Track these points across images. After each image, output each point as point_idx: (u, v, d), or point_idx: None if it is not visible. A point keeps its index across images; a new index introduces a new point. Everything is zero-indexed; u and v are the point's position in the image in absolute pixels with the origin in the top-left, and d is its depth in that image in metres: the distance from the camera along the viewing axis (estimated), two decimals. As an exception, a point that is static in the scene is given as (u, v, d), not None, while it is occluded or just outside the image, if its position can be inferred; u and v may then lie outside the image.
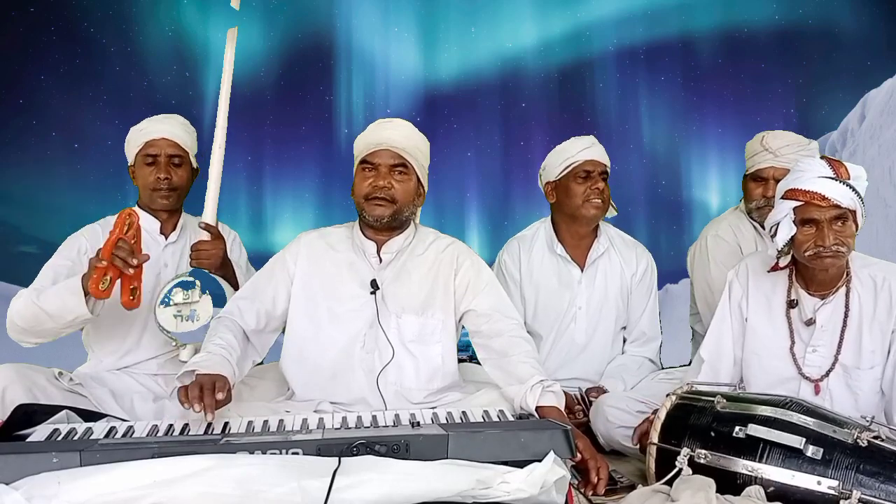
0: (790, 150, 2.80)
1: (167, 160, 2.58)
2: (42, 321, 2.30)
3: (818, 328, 2.28)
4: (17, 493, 1.47)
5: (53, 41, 5.35)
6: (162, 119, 2.64)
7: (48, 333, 2.37)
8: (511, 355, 2.21)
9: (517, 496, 1.55)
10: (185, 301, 2.40)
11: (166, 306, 2.40)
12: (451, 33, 6.03)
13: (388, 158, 2.30)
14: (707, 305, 2.95)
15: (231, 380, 2.03)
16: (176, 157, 2.59)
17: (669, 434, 2.00)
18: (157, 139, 2.58)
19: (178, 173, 2.60)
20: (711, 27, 5.91)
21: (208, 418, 1.86)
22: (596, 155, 2.88)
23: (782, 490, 1.77)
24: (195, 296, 2.41)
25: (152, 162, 2.58)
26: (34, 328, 2.34)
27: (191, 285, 2.42)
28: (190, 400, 1.86)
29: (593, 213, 2.88)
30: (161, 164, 2.57)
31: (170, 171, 2.58)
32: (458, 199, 6.02)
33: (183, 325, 2.40)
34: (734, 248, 2.93)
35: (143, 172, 2.59)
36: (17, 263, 4.89)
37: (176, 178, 2.59)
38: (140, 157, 2.60)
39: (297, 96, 5.87)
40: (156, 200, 2.60)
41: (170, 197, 2.60)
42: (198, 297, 2.42)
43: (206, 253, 2.46)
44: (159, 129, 2.60)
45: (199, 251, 2.46)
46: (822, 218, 2.13)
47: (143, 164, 2.59)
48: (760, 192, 2.86)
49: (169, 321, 2.39)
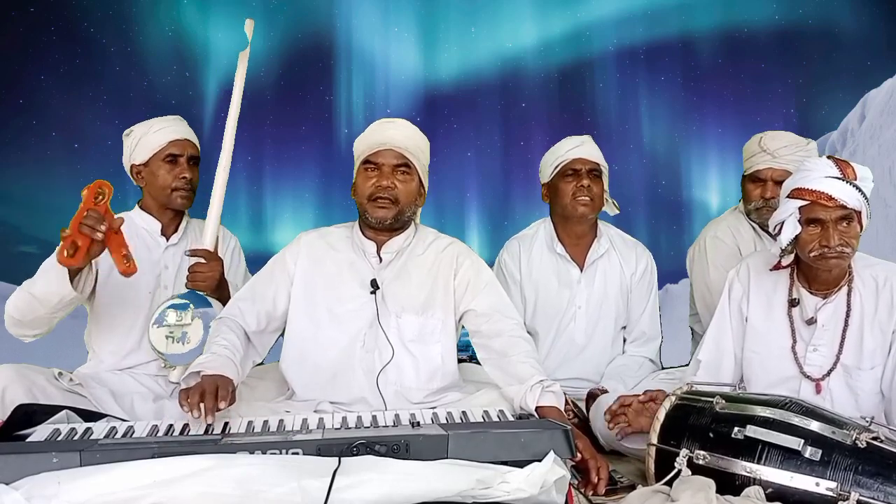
0: (788, 150, 2.80)
1: (188, 161, 2.60)
2: (33, 307, 2.31)
3: (819, 327, 2.28)
4: (17, 493, 1.47)
5: (53, 41, 5.34)
6: (176, 120, 2.65)
7: (42, 322, 2.38)
8: (511, 355, 2.21)
9: (517, 496, 1.55)
10: (178, 323, 2.41)
11: (159, 326, 2.41)
12: (451, 33, 6.02)
13: (391, 158, 2.30)
14: (706, 306, 2.95)
15: (235, 381, 2.04)
16: (193, 157, 2.62)
17: (669, 435, 2.00)
18: (181, 139, 2.60)
19: (195, 174, 2.63)
20: (711, 27, 5.91)
21: (207, 421, 1.87)
22: (583, 153, 2.87)
23: (781, 491, 1.77)
24: (187, 318, 2.42)
25: (173, 161, 2.58)
26: (26, 317, 2.35)
27: (184, 307, 2.43)
28: (190, 405, 1.87)
29: (581, 211, 2.87)
30: (183, 165, 2.59)
31: (191, 172, 2.60)
32: (458, 199, 6.02)
33: (173, 347, 2.41)
34: (733, 250, 2.93)
35: (161, 172, 2.58)
36: (17, 263, 4.87)
37: (195, 179, 2.62)
38: (158, 157, 2.59)
39: (297, 96, 5.87)
40: (175, 200, 2.59)
41: (189, 197, 2.61)
42: (189, 319, 2.43)
43: (202, 275, 2.45)
44: (181, 130, 2.62)
45: (195, 273, 2.45)
46: (828, 218, 2.13)
47: (161, 164, 2.58)
48: (759, 194, 2.86)
49: (160, 342, 2.40)
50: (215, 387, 1.92)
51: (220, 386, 1.94)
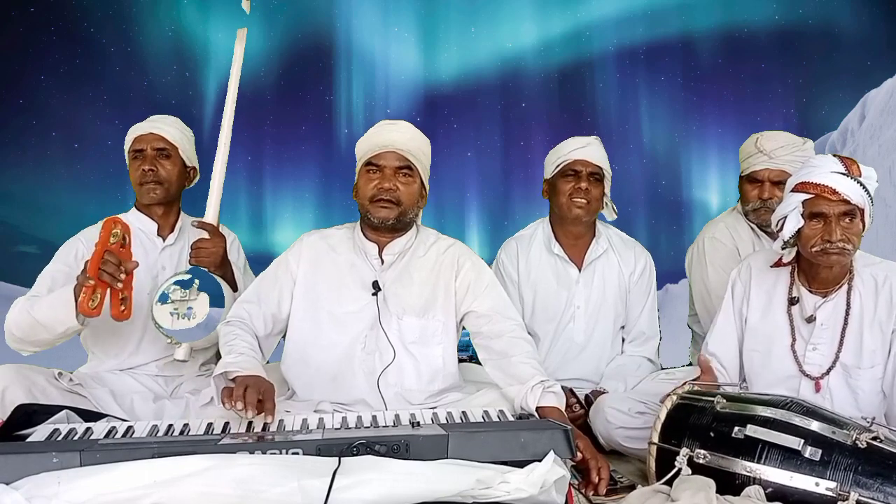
0: (784, 151, 2.79)
1: (153, 153, 2.58)
2: (37, 331, 2.31)
3: (818, 326, 2.28)
4: (17, 493, 1.47)
5: (53, 41, 5.35)
6: (154, 118, 2.66)
7: (43, 343, 2.38)
8: (512, 356, 2.21)
9: (517, 496, 1.55)
10: (183, 299, 2.39)
11: (163, 303, 2.39)
12: (451, 33, 6.03)
13: (393, 161, 2.30)
14: (705, 308, 2.95)
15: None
16: (163, 150, 2.59)
17: (669, 434, 2.00)
18: (145, 134, 2.60)
19: (165, 167, 2.59)
20: (711, 27, 5.91)
21: (250, 415, 1.87)
22: (586, 155, 2.86)
23: (781, 491, 1.77)
24: (192, 294, 2.41)
25: (139, 156, 2.58)
26: (29, 337, 2.35)
27: (188, 283, 2.42)
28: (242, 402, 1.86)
29: (576, 213, 2.87)
30: (147, 157, 2.57)
31: (156, 164, 2.57)
32: (458, 199, 6.02)
33: (179, 323, 2.39)
34: (731, 251, 2.93)
35: (131, 170, 2.61)
36: (17, 263, 4.89)
37: (163, 171, 2.58)
38: (130, 155, 2.62)
39: (297, 96, 5.87)
40: (144, 194, 2.59)
41: (157, 190, 2.58)
42: (195, 295, 2.41)
43: (205, 251, 2.45)
44: (147, 126, 2.61)
45: (199, 249, 2.46)
46: (831, 213, 2.14)
47: (131, 162, 2.61)
48: (756, 194, 2.85)
49: (165, 318, 2.38)
50: (258, 387, 1.94)
51: (264, 389, 1.95)
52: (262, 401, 1.91)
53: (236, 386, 1.93)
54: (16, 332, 2.36)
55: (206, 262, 2.46)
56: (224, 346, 2.19)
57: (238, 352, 2.12)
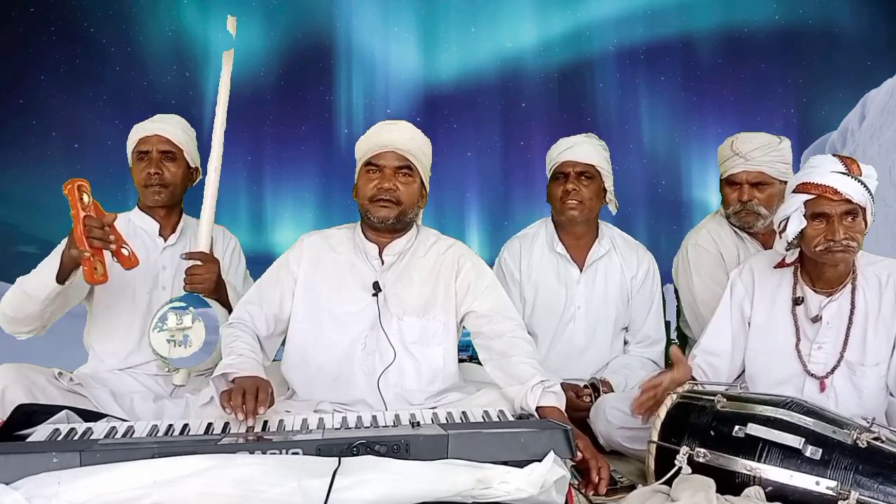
0: (760, 152, 2.76)
1: (159, 156, 2.58)
2: (25, 305, 2.34)
3: (824, 325, 2.28)
4: (17, 493, 1.46)
5: (53, 41, 5.36)
6: (158, 118, 2.65)
7: (34, 318, 2.39)
8: (512, 356, 2.21)
9: (517, 496, 1.55)
10: (178, 326, 2.40)
11: (160, 331, 2.40)
12: (451, 33, 6.04)
13: (393, 160, 2.30)
14: (693, 315, 2.93)
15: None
16: (168, 152, 2.59)
17: (669, 433, 2.00)
18: (150, 136, 2.59)
19: (170, 169, 2.59)
20: (711, 27, 5.92)
21: (249, 422, 1.87)
22: (573, 156, 2.85)
23: (781, 490, 1.77)
24: (188, 321, 2.41)
25: (144, 158, 2.58)
26: (19, 314, 2.38)
27: (183, 310, 2.42)
28: (233, 407, 1.87)
29: (570, 215, 2.86)
30: (153, 160, 2.57)
31: (161, 167, 2.57)
32: (458, 199, 6.03)
33: (176, 351, 2.39)
34: (715, 256, 2.91)
35: (135, 170, 2.61)
36: (17, 263, 4.86)
37: (168, 174, 2.59)
38: (134, 155, 2.61)
39: (297, 96, 5.88)
40: (148, 196, 2.59)
41: (161, 193, 2.58)
42: (190, 322, 2.41)
43: (199, 278, 2.43)
44: (152, 127, 2.60)
45: (193, 276, 2.44)
46: (833, 212, 2.14)
47: (135, 163, 2.61)
48: (736, 197, 2.82)
49: (162, 346, 2.38)
50: (255, 389, 1.93)
51: (260, 388, 1.94)
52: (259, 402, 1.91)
53: (234, 389, 1.93)
54: (8, 310, 2.39)
55: (201, 289, 2.45)
56: (225, 347, 2.20)
57: (238, 353, 2.12)
